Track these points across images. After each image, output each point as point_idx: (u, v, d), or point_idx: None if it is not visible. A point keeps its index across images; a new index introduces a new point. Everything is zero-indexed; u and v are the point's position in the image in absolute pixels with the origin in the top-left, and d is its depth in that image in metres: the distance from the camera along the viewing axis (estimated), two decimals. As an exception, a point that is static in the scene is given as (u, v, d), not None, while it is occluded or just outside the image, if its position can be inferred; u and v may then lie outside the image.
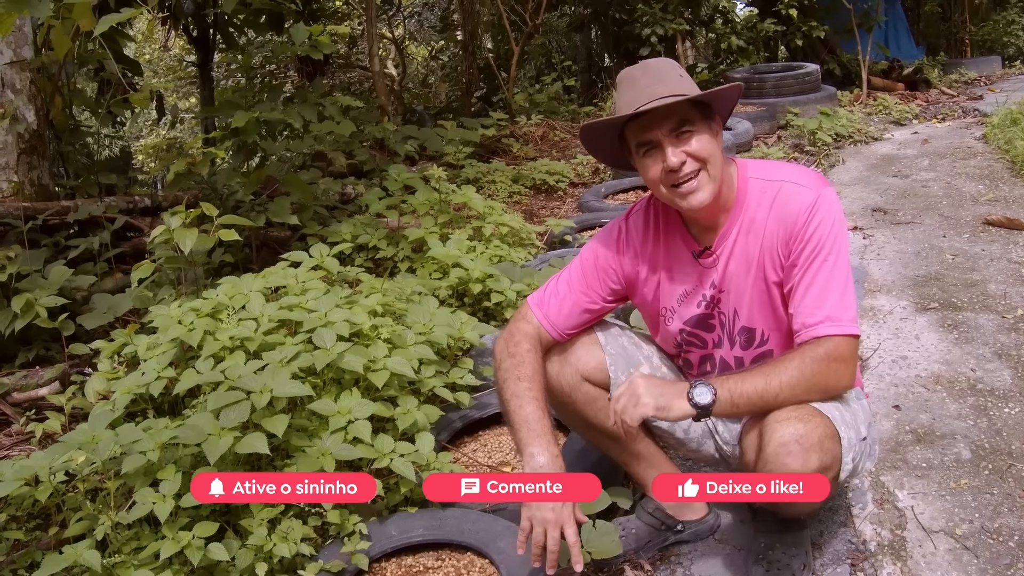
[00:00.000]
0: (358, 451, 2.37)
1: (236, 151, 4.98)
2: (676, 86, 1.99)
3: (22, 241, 4.26)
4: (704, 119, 2.03)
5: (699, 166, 2.00)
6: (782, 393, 1.95)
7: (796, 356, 1.98)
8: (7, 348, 3.79)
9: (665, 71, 2.03)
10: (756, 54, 11.26)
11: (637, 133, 2.03)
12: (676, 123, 1.99)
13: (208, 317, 2.91)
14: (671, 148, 1.99)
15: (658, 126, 1.99)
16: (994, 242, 4.66)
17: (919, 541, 2.33)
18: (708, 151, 2.01)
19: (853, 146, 7.74)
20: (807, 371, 1.96)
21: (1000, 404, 2.99)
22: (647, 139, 2.01)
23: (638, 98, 1.97)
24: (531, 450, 2.06)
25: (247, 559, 2.17)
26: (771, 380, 1.95)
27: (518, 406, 2.13)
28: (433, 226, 4.56)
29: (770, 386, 1.95)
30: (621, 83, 2.06)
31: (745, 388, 1.95)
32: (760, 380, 1.96)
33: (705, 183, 2.01)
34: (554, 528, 1.96)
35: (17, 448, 3.18)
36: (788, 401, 1.96)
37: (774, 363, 2.00)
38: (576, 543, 1.98)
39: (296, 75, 12.50)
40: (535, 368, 2.21)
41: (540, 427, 2.09)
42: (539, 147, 8.44)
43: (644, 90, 1.98)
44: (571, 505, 1.99)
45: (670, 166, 1.99)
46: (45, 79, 5.09)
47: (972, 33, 13.29)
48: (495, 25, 12.20)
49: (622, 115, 2.00)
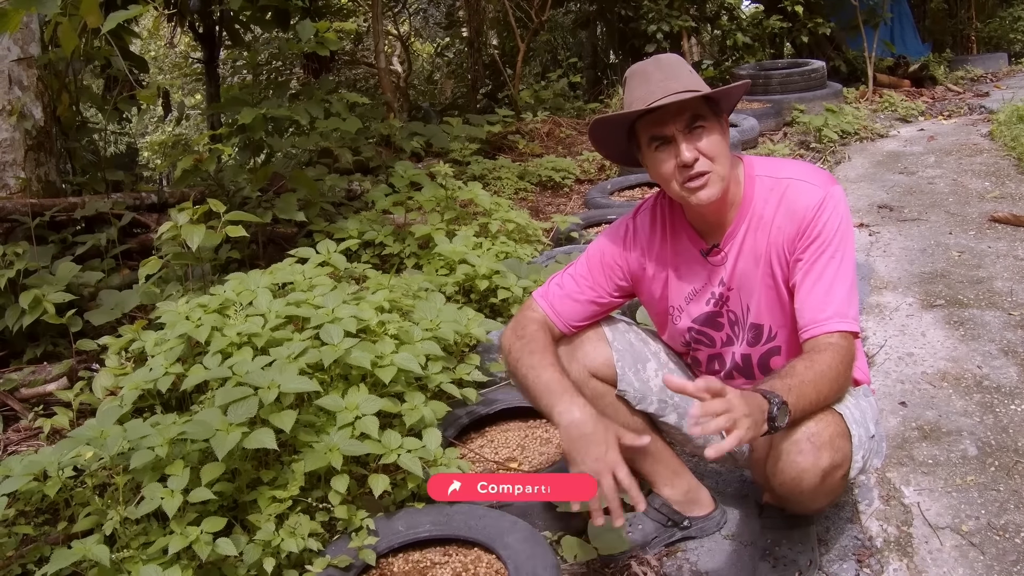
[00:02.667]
0: (365, 447, 2.37)
1: (243, 148, 4.98)
2: (689, 82, 2.00)
3: (30, 237, 4.27)
4: (715, 115, 2.04)
5: (710, 165, 2.01)
6: (821, 402, 1.93)
7: (829, 361, 1.94)
8: (15, 344, 3.80)
9: (677, 67, 2.04)
10: (762, 51, 11.24)
11: (650, 127, 2.03)
12: (690, 119, 2.00)
13: (216, 313, 2.92)
14: (685, 143, 1.99)
15: (672, 121, 1.99)
16: (1000, 239, 4.65)
17: (925, 537, 2.33)
18: (719, 148, 2.02)
19: (859, 143, 7.73)
20: (841, 371, 1.95)
21: (1006, 401, 2.99)
22: (661, 134, 2.02)
23: (652, 93, 1.97)
24: (559, 410, 2.05)
25: (255, 554, 2.18)
26: (820, 392, 1.91)
27: (536, 376, 2.13)
28: (439, 222, 4.57)
29: (818, 399, 1.92)
30: (632, 78, 2.07)
31: (802, 405, 1.87)
32: (812, 392, 1.89)
33: (715, 180, 2.02)
34: (606, 476, 1.95)
35: (25, 444, 3.19)
36: (823, 407, 1.95)
37: (815, 370, 1.92)
38: (632, 484, 1.96)
39: (302, 71, 12.50)
40: (546, 343, 2.21)
41: (561, 386, 2.09)
42: (545, 144, 8.43)
43: (658, 85, 1.98)
44: (615, 448, 1.98)
45: (684, 161, 1.99)
46: (52, 76, 5.09)
47: (978, 30, 13.24)
48: (500, 22, 12.20)
49: (637, 109, 2.00)
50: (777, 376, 1.91)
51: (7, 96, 4.85)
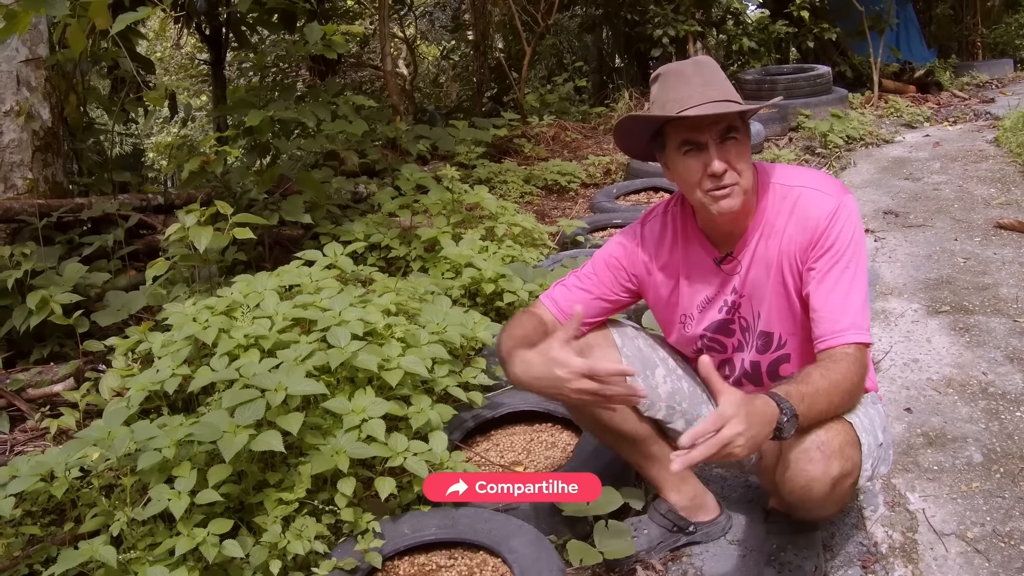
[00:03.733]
0: (372, 449, 2.38)
1: (249, 150, 4.99)
2: (727, 90, 2.01)
3: (37, 238, 4.28)
4: (744, 125, 2.04)
5: (737, 175, 2.01)
6: (832, 412, 1.93)
7: (844, 371, 1.94)
8: (22, 344, 3.81)
9: (714, 72, 2.04)
10: (767, 56, 11.25)
11: (684, 132, 2.02)
12: (725, 129, 1.99)
13: (223, 315, 2.93)
14: (717, 153, 1.99)
15: (708, 128, 1.99)
16: (1006, 245, 4.65)
17: (930, 544, 2.33)
18: (745, 160, 2.03)
19: (864, 148, 7.74)
20: (852, 386, 1.95)
21: (1012, 408, 2.99)
22: (694, 139, 2.01)
23: (691, 97, 1.97)
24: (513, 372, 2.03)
25: (261, 556, 2.18)
26: (832, 401, 1.91)
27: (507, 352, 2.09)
28: (446, 226, 4.57)
29: (829, 408, 1.91)
30: (668, 77, 2.05)
31: (812, 415, 1.87)
32: (823, 402, 1.88)
33: (739, 191, 2.02)
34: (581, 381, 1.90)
35: (32, 444, 3.20)
36: (833, 416, 1.94)
37: (828, 379, 1.91)
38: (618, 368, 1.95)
39: (307, 74, 12.52)
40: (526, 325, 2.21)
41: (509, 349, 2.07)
42: (551, 148, 8.44)
43: (698, 90, 1.98)
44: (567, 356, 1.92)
45: (714, 171, 1.99)
46: (60, 77, 5.11)
47: (984, 36, 13.23)
48: (506, 25, 12.20)
49: (677, 112, 1.98)
50: (794, 382, 1.90)
51: (15, 97, 4.87)
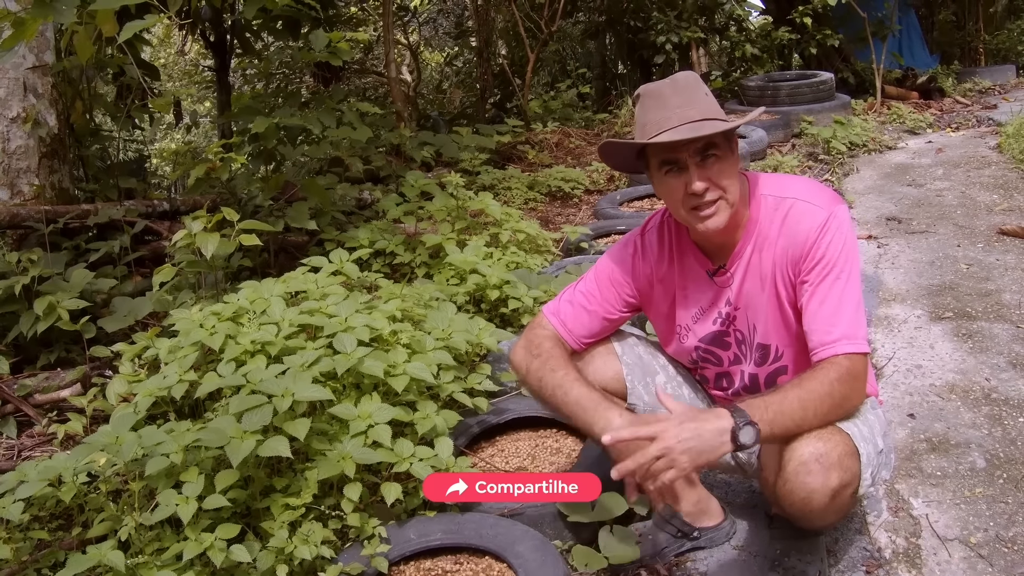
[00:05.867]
0: (378, 455, 2.39)
1: (255, 156, 5.02)
2: (706, 108, 2.01)
3: (43, 244, 4.31)
4: (727, 142, 2.05)
5: (720, 193, 2.02)
6: (816, 420, 1.94)
7: (822, 379, 1.96)
8: (29, 350, 3.83)
9: (694, 90, 2.04)
10: (770, 62, 11.24)
11: (662, 152, 2.04)
12: (703, 147, 2.00)
13: (229, 321, 2.94)
14: (696, 172, 2.00)
15: (685, 148, 2.00)
16: (1009, 252, 4.66)
17: (934, 549, 2.34)
18: (729, 176, 2.03)
19: (867, 155, 7.73)
20: (836, 394, 1.96)
21: (1015, 413, 3.00)
22: (673, 159, 2.02)
23: (668, 119, 1.98)
24: (599, 426, 2.04)
25: (268, 561, 2.19)
26: (807, 408, 1.93)
27: (564, 395, 2.14)
28: (450, 232, 4.59)
29: (807, 415, 1.93)
30: (647, 98, 2.06)
31: (784, 421, 1.91)
32: (797, 409, 1.92)
33: (724, 207, 2.03)
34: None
35: (39, 449, 3.22)
36: (819, 425, 1.96)
37: (803, 387, 1.96)
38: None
39: (312, 80, 12.55)
40: (565, 358, 2.23)
41: (592, 401, 2.10)
42: (554, 154, 8.46)
43: (675, 111, 1.99)
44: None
45: (694, 190, 2.00)
46: (66, 83, 5.14)
47: (986, 42, 13.22)
48: (510, 32, 12.23)
49: (651, 138, 2.00)
50: (761, 393, 1.96)
51: (22, 103, 4.90)
